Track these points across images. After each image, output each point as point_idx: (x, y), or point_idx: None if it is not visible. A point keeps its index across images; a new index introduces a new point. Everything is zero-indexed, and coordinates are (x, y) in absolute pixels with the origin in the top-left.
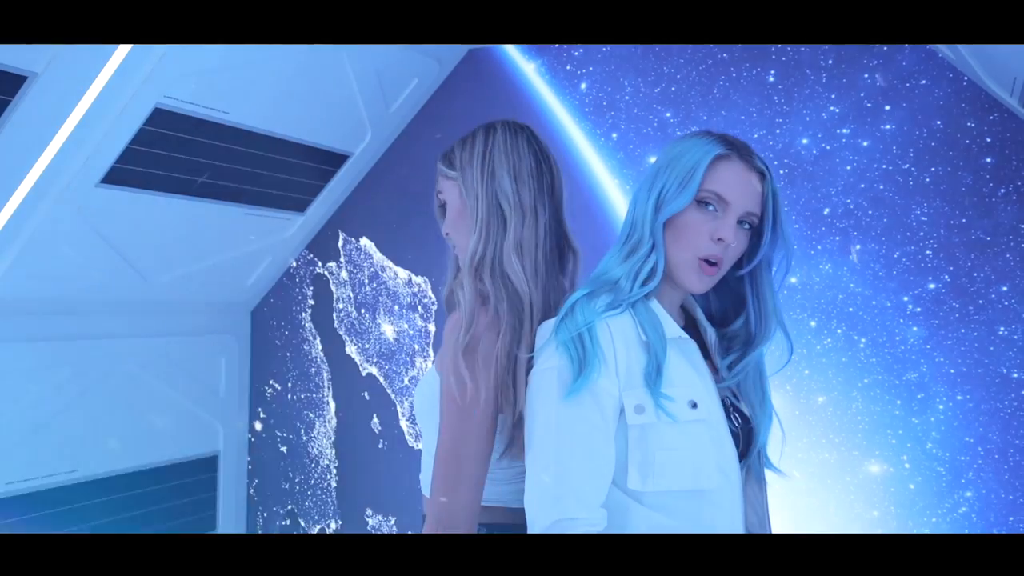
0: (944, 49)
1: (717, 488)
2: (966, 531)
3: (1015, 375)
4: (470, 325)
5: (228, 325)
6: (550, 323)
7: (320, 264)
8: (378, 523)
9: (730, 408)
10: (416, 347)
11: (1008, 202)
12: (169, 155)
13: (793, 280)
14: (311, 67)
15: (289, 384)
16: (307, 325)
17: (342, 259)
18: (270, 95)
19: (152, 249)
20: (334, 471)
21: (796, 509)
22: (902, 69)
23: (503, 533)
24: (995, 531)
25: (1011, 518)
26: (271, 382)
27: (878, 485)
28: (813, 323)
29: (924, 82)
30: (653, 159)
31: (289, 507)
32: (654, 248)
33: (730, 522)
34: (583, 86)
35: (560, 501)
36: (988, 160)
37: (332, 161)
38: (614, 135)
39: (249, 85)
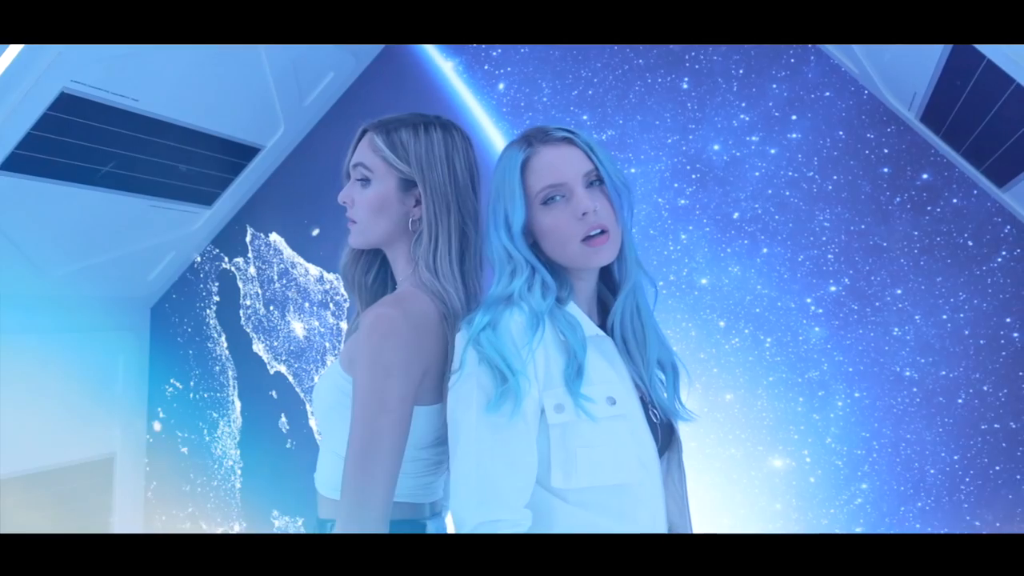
0: (847, 63)
1: (638, 482)
2: (861, 521)
3: (907, 373)
4: (407, 312)
5: (127, 321)
6: (462, 331)
7: (227, 259)
8: (285, 524)
9: (648, 403)
10: (328, 345)
11: (903, 210)
12: (73, 142)
13: (703, 281)
14: (226, 56)
15: (191, 383)
16: (212, 322)
17: (250, 254)
18: (182, 83)
19: (50, 241)
20: (239, 472)
21: (703, 503)
22: (808, 81)
23: (408, 527)
24: (887, 520)
25: (902, 508)
26: (172, 381)
27: (781, 479)
28: (722, 323)
29: (828, 94)
30: None
31: (190, 510)
32: (534, 269)
33: (652, 515)
34: (501, 86)
35: (484, 504)
36: (885, 170)
37: (243, 154)
38: None
39: (160, 72)
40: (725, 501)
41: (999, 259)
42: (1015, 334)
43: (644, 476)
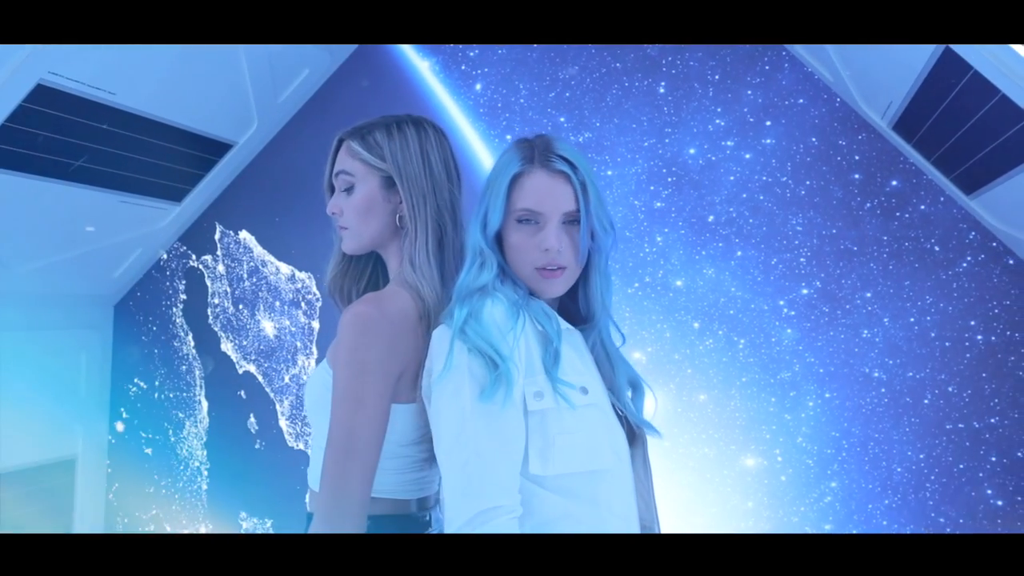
0: (822, 70)
1: (611, 468)
2: (830, 518)
3: (876, 374)
4: (385, 311)
5: (90, 320)
6: (444, 328)
7: (194, 257)
8: (253, 526)
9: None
10: (299, 344)
11: (873, 215)
12: (48, 135)
13: (678, 283)
14: (205, 50)
15: (156, 383)
16: (178, 321)
17: (219, 252)
18: (160, 77)
19: (16, 236)
20: (205, 474)
21: (677, 501)
22: (782, 88)
23: (390, 522)
24: (855, 517)
25: (870, 505)
26: (136, 380)
27: (753, 477)
28: (696, 324)
29: (801, 101)
30: None
31: (153, 512)
32: (503, 269)
33: (624, 501)
34: (478, 87)
35: (485, 492)
36: (856, 176)
37: (214, 149)
38: (508, 137)
39: (139, 65)
40: (698, 499)
41: (964, 264)
42: (979, 337)
43: (617, 463)
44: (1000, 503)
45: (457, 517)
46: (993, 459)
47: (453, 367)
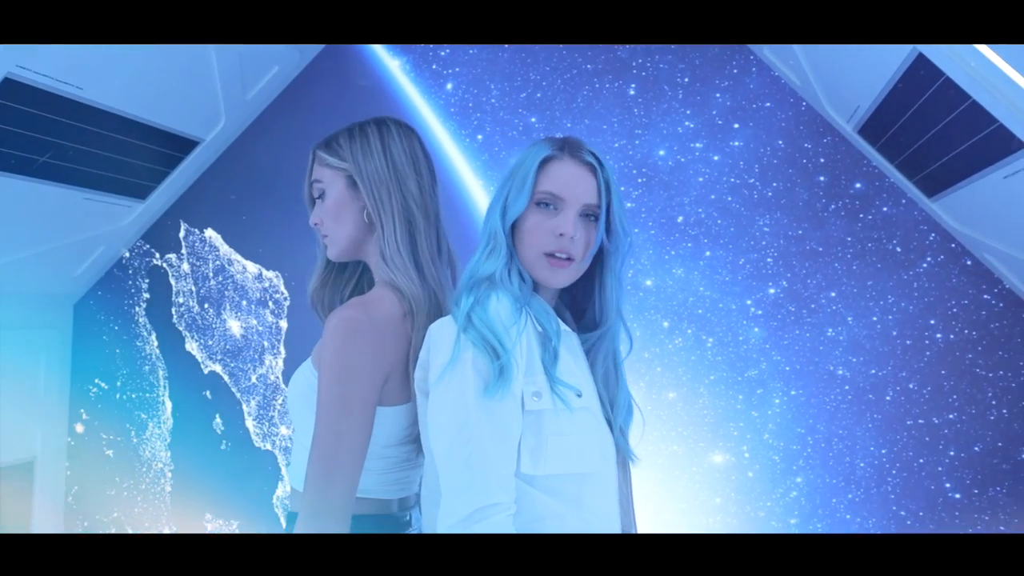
0: (789, 75)
1: (598, 471)
2: (796, 513)
3: (840, 372)
4: (371, 315)
5: (49, 319)
6: (445, 321)
7: (158, 256)
8: (218, 528)
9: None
10: (266, 344)
11: (838, 217)
12: (13, 130)
13: (648, 283)
14: (176, 46)
15: (118, 383)
16: (141, 320)
17: (183, 251)
18: (129, 72)
19: None
20: (169, 475)
21: (647, 498)
22: (750, 91)
23: (373, 522)
24: (820, 511)
25: (834, 500)
26: (96, 381)
27: (721, 474)
28: (666, 324)
29: (768, 104)
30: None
31: (115, 515)
32: (511, 256)
33: (607, 503)
34: (449, 86)
35: (486, 488)
36: (821, 178)
37: (181, 146)
38: (479, 136)
39: (110, 60)
40: (668, 496)
41: (924, 264)
42: (938, 335)
43: (604, 466)
44: (958, 496)
45: (456, 512)
46: (951, 453)
47: (458, 361)
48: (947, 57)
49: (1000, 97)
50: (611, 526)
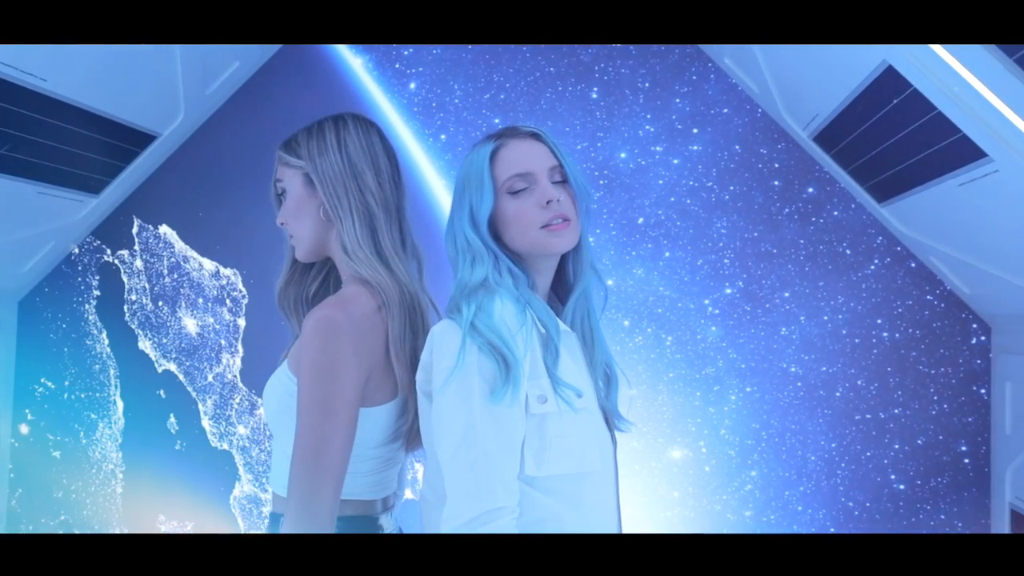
0: (748, 81)
1: (598, 471)
2: (750, 506)
3: (792, 369)
4: (350, 314)
5: None
6: (448, 324)
7: (109, 252)
8: (172, 530)
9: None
10: (223, 342)
11: (791, 220)
12: None
13: (609, 283)
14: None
15: (66, 382)
16: (91, 318)
17: (136, 247)
18: (91, 64)
19: None
20: (120, 476)
21: None
22: (708, 97)
23: (357, 523)
24: (773, 504)
25: (786, 492)
26: (43, 380)
27: (679, 468)
28: (626, 322)
29: (726, 111)
30: None
31: (62, 518)
32: (497, 257)
33: (605, 502)
34: (412, 86)
35: (492, 492)
36: (776, 183)
37: (137, 140)
38: (443, 136)
39: (74, 51)
40: (627, 491)
41: (872, 266)
42: (884, 334)
43: (603, 465)
44: (902, 487)
45: (460, 515)
46: (896, 447)
47: (463, 366)
48: (916, 69)
49: (966, 109)
50: (609, 524)
